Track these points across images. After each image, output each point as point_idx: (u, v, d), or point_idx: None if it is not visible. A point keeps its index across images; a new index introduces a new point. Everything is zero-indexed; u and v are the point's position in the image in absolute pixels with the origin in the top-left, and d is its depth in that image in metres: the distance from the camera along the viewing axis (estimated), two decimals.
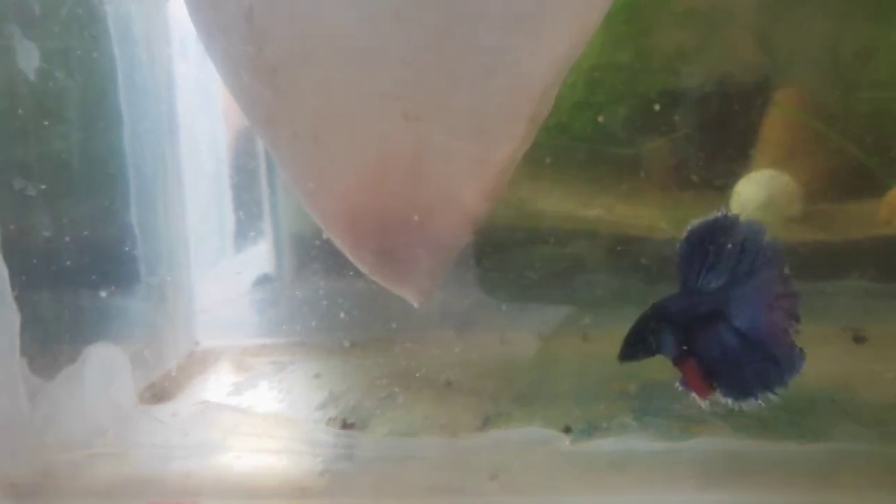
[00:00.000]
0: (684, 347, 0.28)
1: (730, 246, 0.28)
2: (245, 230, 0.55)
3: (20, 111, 0.32)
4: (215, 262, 0.53)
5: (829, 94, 0.57)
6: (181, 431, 0.33)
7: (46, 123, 0.36)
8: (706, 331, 0.28)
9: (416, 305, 0.37)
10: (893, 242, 0.53)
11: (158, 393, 0.41)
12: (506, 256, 0.51)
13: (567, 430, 0.34)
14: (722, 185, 0.57)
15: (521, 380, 0.40)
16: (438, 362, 0.42)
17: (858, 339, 0.46)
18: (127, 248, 0.44)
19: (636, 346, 0.29)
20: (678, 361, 0.28)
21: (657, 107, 0.56)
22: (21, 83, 0.32)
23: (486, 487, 0.30)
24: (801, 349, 0.28)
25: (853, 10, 0.55)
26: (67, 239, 0.36)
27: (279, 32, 0.32)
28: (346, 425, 0.35)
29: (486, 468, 0.30)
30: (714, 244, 0.28)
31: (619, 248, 0.53)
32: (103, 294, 0.39)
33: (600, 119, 0.53)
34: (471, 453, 0.32)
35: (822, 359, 0.41)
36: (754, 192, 0.57)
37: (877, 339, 0.45)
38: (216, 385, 0.44)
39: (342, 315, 0.48)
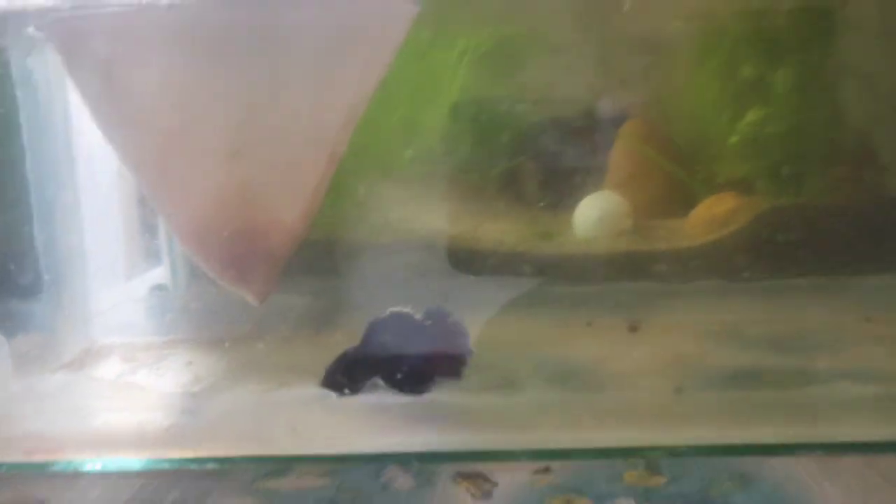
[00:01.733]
0: None
1: None
2: (143, 245, 0.64)
3: None
4: (111, 271, 0.62)
5: (663, 125, 0.68)
6: (53, 398, 0.42)
7: None
8: None
9: (255, 305, 0.47)
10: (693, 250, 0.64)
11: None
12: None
13: None
14: (572, 204, 0.68)
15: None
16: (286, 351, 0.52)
17: (633, 328, 0.57)
18: (29, 260, 0.53)
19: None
20: None
21: (515, 136, 0.66)
22: None
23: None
24: None
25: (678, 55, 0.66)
26: None
27: (132, 87, 0.42)
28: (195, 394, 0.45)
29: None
30: None
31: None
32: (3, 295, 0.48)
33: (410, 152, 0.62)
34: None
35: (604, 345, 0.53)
36: (590, 211, 0.67)
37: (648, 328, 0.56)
38: (103, 373, 0.53)
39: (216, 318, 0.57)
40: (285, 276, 0.49)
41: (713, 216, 0.65)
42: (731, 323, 0.55)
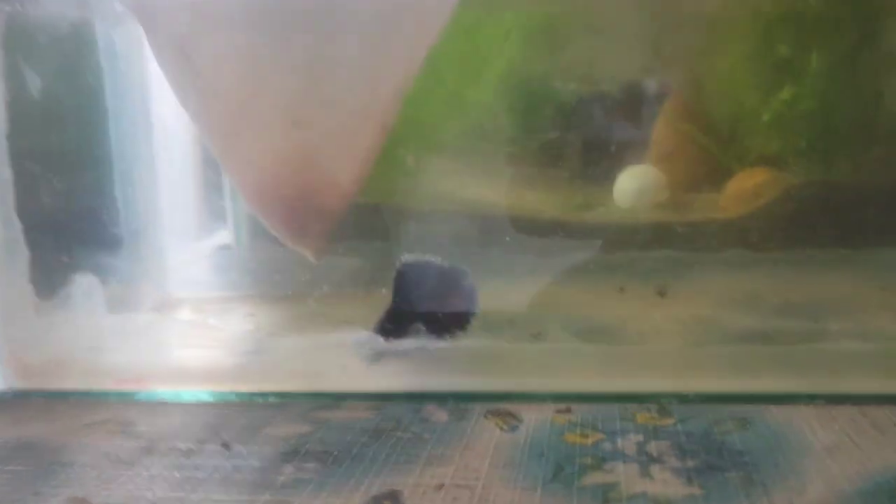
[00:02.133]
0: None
1: None
2: (210, 208, 0.70)
3: (33, 117, 0.47)
4: (184, 232, 0.68)
5: (702, 102, 0.71)
6: (139, 334, 0.48)
7: (52, 124, 0.50)
8: None
9: (313, 262, 0.52)
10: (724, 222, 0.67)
11: None
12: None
13: None
14: (612, 177, 0.72)
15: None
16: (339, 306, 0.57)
17: (662, 293, 0.60)
18: (110, 215, 0.59)
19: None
20: None
21: (559, 111, 0.70)
22: (30, 99, 0.47)
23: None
24: None
25: (716, 34, 0.69)
26: (68, 204, 0.51)
27: (206, 62, 0.47)
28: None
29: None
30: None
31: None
32: (92, 246, 0.54)
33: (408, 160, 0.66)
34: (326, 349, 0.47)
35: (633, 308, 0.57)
36: (628, 183, 0.71)
37: (676, 293, 0.60)
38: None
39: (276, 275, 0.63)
40: (340, 238, 0.54)
41: (744, 190, 0.68)
42: (753, 291, 0.58)
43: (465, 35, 0.65)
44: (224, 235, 0.70)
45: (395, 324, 0.48)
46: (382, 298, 0.62)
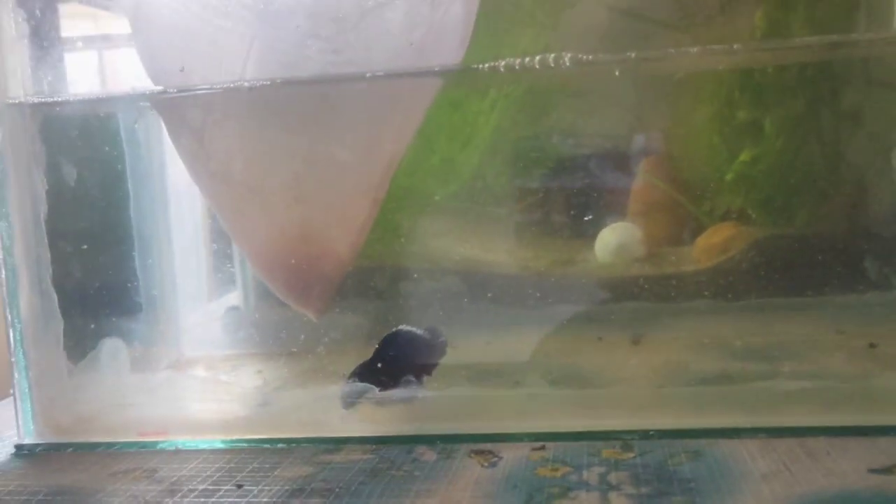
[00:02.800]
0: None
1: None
2: (219, 272, 0.76)
3: (69, 201, 0.54)
4: (196, 295, 0.74)
5: (675, 162, 0.78)
6: (160, 390, 0.53)
7: (82, 206, 0.57)
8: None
9: (314, 320, 0.58)
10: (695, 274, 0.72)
11: None
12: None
13: None
14: (594, 233, 0.78)
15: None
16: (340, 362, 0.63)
17: (636, 342, 0.66)
18: (131, 284, 0.65)
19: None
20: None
21: (548, 171, 0.77)
22: (66, 186, 0.53)
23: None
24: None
25: (683, 99, 0.76)
26: (95, 276, 0.57)
27: (218, 148, 0.54)
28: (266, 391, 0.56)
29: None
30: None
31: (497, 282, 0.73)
32: (115, 314, 0.60)
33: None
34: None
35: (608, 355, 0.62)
36: (609, 240, 0.77)
37: (649, 341, 0.65)
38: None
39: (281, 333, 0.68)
40: (340, 297, 0.60)
41: (713, 245, 0.74)
42: (718, 336, 0.63)
43: (454, 108, 0.72)
44: (233, 298, 0.76)
45: (368, 374, 0.54)
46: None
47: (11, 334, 0.50)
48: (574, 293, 0.72)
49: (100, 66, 0.63)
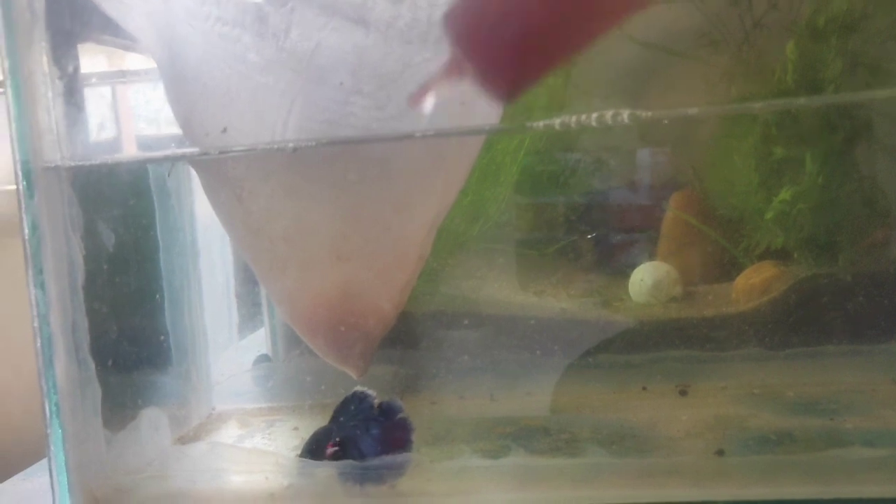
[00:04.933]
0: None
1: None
2: (248, 323, 0.74)
3: (105, 264, 0.52)
4: (226, 347, 0.73)
5: (707, 197, 0.76)
6: (199, 461, 0.51)
7: (116, 268, 0.55)
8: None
9: (356, 378, 0.56)
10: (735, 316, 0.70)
11: (186, 440, 0.60)
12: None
13: None
14: (627, 273, 0.76)
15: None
16: None
17: (683, 392, 0.64)
18: (162, 340, 0.63)
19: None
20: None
21: (581, 212, 0.75)
22: (102, 249, 0.52)
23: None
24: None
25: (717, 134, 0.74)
26: (130, 338, 0.56)
27: (258, 205, 0.52)
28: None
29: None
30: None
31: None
32: (150, 375, 0.58)
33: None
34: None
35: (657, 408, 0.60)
36: (643, 280, 0.75)
37: (697, 391, 0.63)
38: (226, 436, 0.63)
39: (317, 384, 0.67)
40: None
41: (753, 284, 0.72)
42: (769, 386, 0.61)
43: (484, 151, 0.71)
44: (263, 347, 0.75)
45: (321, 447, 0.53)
46: (418, 403, 0.66)
47: (47, 405, 0.48)
48: (612, 338, 0.70)
49: (122, 107, 0.61)
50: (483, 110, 0.48)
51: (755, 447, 0.51)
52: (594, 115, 0.45)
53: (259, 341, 0.73)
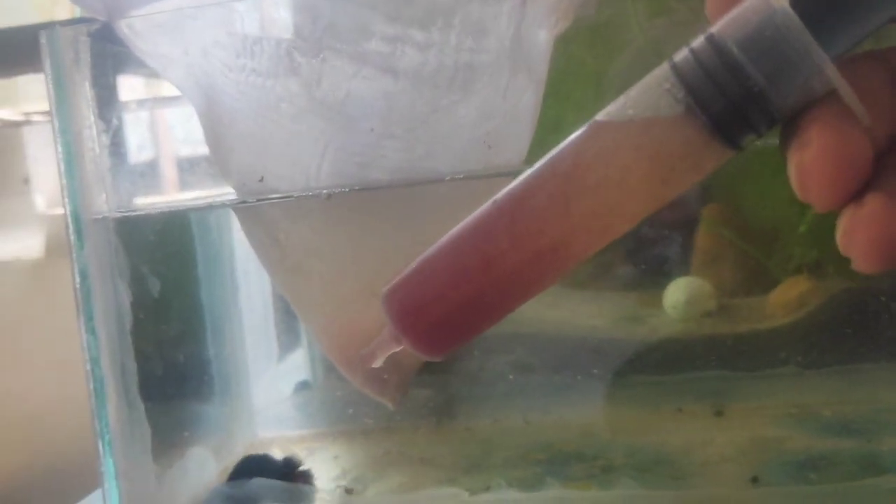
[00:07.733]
0: None
1: None
2: (287, 353, 0.76)
3: (151, 308, 0.55)
4: (267, 375, 0.75)
5: (741, 212, 0.76)
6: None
7: (160, 308, 0.58)
8: None
9: (392, 408, 0.57)
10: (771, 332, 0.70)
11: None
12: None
13: None
14: (661, 288, 0.76)
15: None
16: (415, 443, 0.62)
17: (719, 413, 0.64)
18: (206, 374, 0.65)
19: None
20: None
21: None
22: (149, 294, 0.54)
23: None
24: None
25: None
26: (174, 374, 0.58)
27: (295, 245, 0.54)
28: (348, 490, 0.55)
29: None
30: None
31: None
32: (196, 409, 0.60)
33: None
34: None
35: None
36: (676, 296, 0.75)
37: (733, 412, 0.63)
38: None
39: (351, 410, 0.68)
40: None
41: (789, 299, 0.72)
42: (807, 405, 0.61)
43: None
44: (303, 374, 0.76)
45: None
46: (454, 430, 0.67)
47: (100, 444, 0.50)
48: (646, 356, 0.71)
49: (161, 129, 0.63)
50: (509, 153, 0.49)
51: (791, 472, 0.51)
52: None
53: (298, 366, 0.75)
